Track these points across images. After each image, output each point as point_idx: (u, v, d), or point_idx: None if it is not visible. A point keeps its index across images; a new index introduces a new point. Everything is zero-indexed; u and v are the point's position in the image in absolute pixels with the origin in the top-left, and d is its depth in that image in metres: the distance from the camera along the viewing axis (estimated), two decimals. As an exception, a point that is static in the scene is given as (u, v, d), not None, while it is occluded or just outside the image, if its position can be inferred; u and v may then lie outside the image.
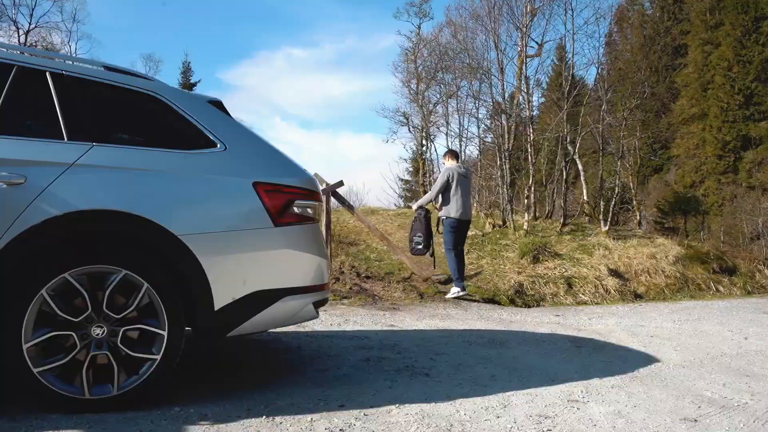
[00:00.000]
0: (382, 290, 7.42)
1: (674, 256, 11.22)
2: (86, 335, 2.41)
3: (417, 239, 7.12)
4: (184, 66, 33.83)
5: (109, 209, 2.44)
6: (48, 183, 2.38)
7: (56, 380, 2.37)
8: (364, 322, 5.27)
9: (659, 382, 3.54)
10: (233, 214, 2.69)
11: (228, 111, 3.02)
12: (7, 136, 2.44)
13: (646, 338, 5.20)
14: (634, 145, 15.23)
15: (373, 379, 3.23)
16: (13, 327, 2.30)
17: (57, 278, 2.37)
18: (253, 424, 2.37)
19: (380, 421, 2.53)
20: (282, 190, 2.78)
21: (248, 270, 2.67)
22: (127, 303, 2.47)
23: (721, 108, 29.00)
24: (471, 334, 5.00)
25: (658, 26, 32.95)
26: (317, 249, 2.93)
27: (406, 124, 20.79)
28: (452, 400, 2.90)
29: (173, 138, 2.77)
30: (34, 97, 2.60)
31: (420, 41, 21.14)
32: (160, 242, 2.50)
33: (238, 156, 2.78)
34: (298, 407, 2.64)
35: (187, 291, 2.56)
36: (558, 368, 3.78)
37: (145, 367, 2.49)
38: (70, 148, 2.50)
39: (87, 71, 2.73)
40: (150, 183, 2.56)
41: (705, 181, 29.84)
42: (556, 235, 12.10)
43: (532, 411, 2.82)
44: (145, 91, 2.79)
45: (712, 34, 30.20)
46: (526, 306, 8.41)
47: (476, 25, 14.04)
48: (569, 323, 6.10)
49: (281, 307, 2.74)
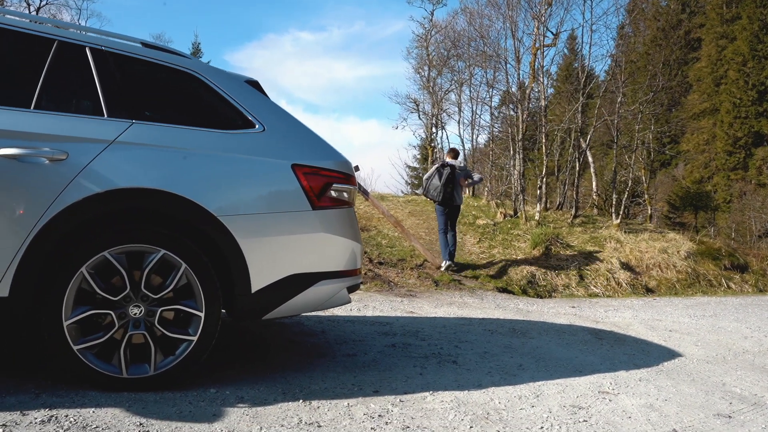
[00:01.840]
0: (396, 276, 7.41)
1: (686, 251, 11.18)
2: (124, 314, 2.39)
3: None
4: (193, 47, 33.65)
5: (150, 188, 2.40)
6: (89, 160, 2.35)
7: (95, 358, 2.36)
8: (383, 308, 5.26)
9: (686, 376, 3.52)
10: (272, 196, 2.65)
11: (264, 91, 2.98)
12: (49, 111, 2.41)
13: (665, 332, 5.18)
14: (648, 138, 15.09)
15: (402, 366, 3.22)
16: (54, 304, 2.29)
17: (97, 256, 2.35)
18: (291, 408, 2.36)
19: (417, 407, 2.51)
20: (320, 173, 2.75)
21: (286, 253, 2.64)
22: (164, 283, 2.45)
23: (734, 103, 28.77)
24: (491, 322, 4.99)
25: (672, 18, 32.57)
26: (352, 233, 2.90)
27: (416, 110, 20.66)
28: (485, 389, 2.89)
29: (212, 117, 2.73)
30: (74, 73, 2.55)
31: (432, 27, 20.92)
32: (200, 222, 2.47)
33: (276, 137, 2.74)
34: (333, 392, 2.63)
35: (224, 272, 2.54)
36: (583, 359, 3.77)
37: (181, 348, 2.47)
38: (111, 125, 2.46)
39: (126, 47, 2.69)
40: (190, 162, 2.52)
41: (714, 176, 29.70)
42: (567, 227, 12.05)
43: (565, 401, 2.81)
44: (184, 68, 2.74)
45: (727, 27, 29.87)
46: (538, 296, 8.41)
47: (492, 12, 13.88)
48: (586, 315, 6.09)
49: (316, 291, 2.72)
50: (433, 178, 7.99)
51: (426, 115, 20.28)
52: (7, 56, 2.51)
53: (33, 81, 2.43)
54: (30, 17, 2.43)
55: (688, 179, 29.61)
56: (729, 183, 28.62)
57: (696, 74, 31.36)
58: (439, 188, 7.90)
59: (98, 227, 2.39)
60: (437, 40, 19.93)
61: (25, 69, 2.49)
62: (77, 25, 3.52)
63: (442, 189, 7.89)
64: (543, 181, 12.55)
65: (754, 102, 28.57)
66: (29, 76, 2.44)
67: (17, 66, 2.52)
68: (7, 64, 2.52)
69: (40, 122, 2.36)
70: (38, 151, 2.29)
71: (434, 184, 7.93)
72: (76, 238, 2.35)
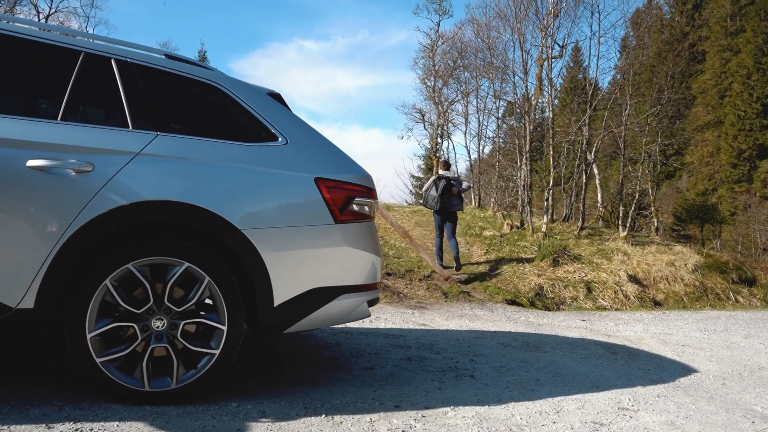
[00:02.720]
0: (405, 288, 7.39)
1: (693, 264, 11.13)
2: (147, 327, 2.38)
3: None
4: (200, 54, 33.86)
5: (175, 200, 2.40)
6: (115, 172, 2.35)
7: (117, 371, 2.34)
8: (395, 320, 5.24)
9: (704, 393, 3.49)
10: (295, 210, 2.65)
11: (286, 104, 2.98)
12: (75, 123, 2.42)
13: (678, 347, 5.15)
14: (654, 151, 15.09)
15: (420, 379, 3.20)
16: (78, 316, 2.28)
17: (121, 268, 2.34)
18: (315, 423, 2.35)
19: (439, 423, 2.50)
20: (342, 187, 2.74)
21: (308, 266, 2.64)
22: (187, 296, 2.45)
23: (738, 116, 28.79)
24: (503, 335, 4.96)
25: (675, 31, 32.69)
26: (373, 247, 2.89)
27: (421, 120, 20.71)
28: (505, 404, 2.87)
29: (235, 130, 2.73)
30: (100, 85, 2.56)
31: (439, 38, 21.01)
32: (223, 235, 2.47)
33: (299, 150, 2.74)
34: (355, 407, 2.61)
35: (247, 286, 2.53)
36: (599, 374, 3.75)
37: (203, 362, 2.46)
38: (136, 136, 2.47)
39: (150, 59, 2.70)
40: (214, 175, 2.52)
41: (718, 189, 29.66)
42: (574, 239, 12.03)
43: (586, 417, 2.79)
44: (207, 80, 2.75)
45: (732, 40, 29.96)
46: (546, 308, 8.38)
47: (500, 24, 13.94)
48: (597, 328, 6.06)
49: (338, 305, 2.71)
50: (430, 190, 8.90)
51: (432, 125, 20.33)
52: (35, 68, 2.52)
53: (60, 92, 2.43)
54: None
55: (692, 191, 29.58)
56: (733, 195, 28.58)
57: (700, 86, 31.42)
58: (437, 198, 8.75)
59: (122, 239, 2.39)
60: (443, 51, 20.02)
61: (53, 81, 2.50)
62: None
63: (439, 199, 8.75)
64: (549, 193, 12.55)
65: (758, 114, 28.60)
66: (56, 87, 2.45)
67: (45, 77, 2.54)
68: (36, 75, 2.54)
69: (67, 134, 2.36)
70: (65, 163, 2.29)
71: (432, 195, 8.83)
72: (100, 250, 2.35)
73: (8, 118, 2.30)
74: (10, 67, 2.48)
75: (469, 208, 15.44)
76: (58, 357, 2.97)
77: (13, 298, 2.21)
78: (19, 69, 2.51)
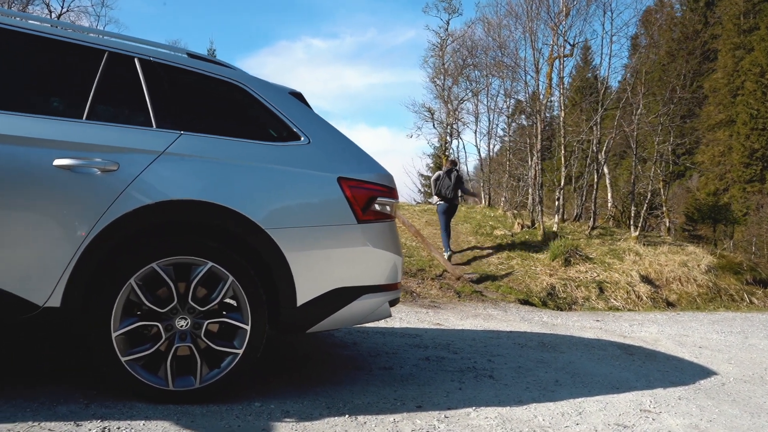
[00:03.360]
0: (417, 287, 7.38)
1: (706, 265, 11.05)
2: (171, 326, 2.38)
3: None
4: (209, 53, 33.92)
5: (199, 200, 2.40)
6: (140, 171, 2.35)
7: (142, 370, 2.35)
8: (410, 319, 5.23)
9: (725, 396, 3.46)
10: (318, 209, 2.64)
11: (308, 103, 2.98)
12: (100, 122, 2.42)
13: (695, 349, 5.11)
14: (666, 151, 14.99)
15: (440, 380, 3.19)
16: (103, 315, 2.28)
17: (145, 268, 2.35)
18: (339, 423, 2.34)
19: (462, 424, 2.48)
20: (365, 186, 2.73)
21: (331, 266, 2.63)
22: (210, 296, 2.45)
23: (751, 115, 28.53)
24: (519, 336, 4.94)
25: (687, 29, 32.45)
26: (394, 247, 2.88)
27: (431, 119, 20.67)
28: (526, 405, 2.86)
29: (258, 129, 2.73)
30: (124, 84, 2.57)
31: (448, 36, 20.96)
32: (247, 235, 2.46)
33: (321, 150, 2.74)
34: (377, 407, 2.60)
35: (270, 286, 2.53)
36: (618, 375, 3.72)
37: (226, 361, 2.46)
38: (160, 136, 2.47)
39: (173, 58, 2.70)
40: (238, 174, 2.52)
41: (729, 189, 29.41)
42: (585, 239, 11.97)
43: (609, 419, 2.77)
44: (230, 80, 2.75)
45: (744, 38, 29.69)
46: (558, 308, 8.35)
47: (511, 23, 13.88)
48: (611, 329, 6.02)
49: (360, 305, 2.70)
50: (444, 179, 9.65)
51: (441, 124, 20.29)
52: (61, 67, 2.53)
53: (85, 92, 2.44)
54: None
55: (703, 191, 29.34)
56: (745, 195, 28.33)
57: (712, 85, 31.16)
58: (451, 187, 9.58)
59: (147, 238, 2.39)
60: (453, 49, 19.97)
61: (78, 80, 2.51)
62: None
63: (453, 188, 9.60)
64: (560, 192, 12.49)
65: (771, 114, 28.36)
66: (81, 87, 2.46)
67: (70, 77, 2.55)
68: (61, 74, 2.55)
69: (92, 133, 2.37)
70: (91, 162, 2.30)
71: (446, 184, 9.60)
72: (125, 249, 2.35)
73: (35, 118, 2.31)
74: (36, 66, 2.50)
75: (480, 208, 15.40)
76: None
77: (40, 296, 2.22)
78: (45, 68, 2.53)
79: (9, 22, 2.42)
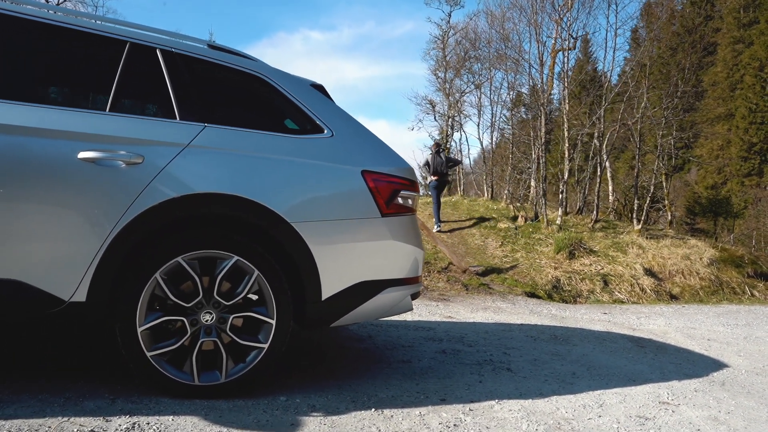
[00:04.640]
0: (425, 280, 7.38)
1: (708, 258, 11.09)
2: (196, 321, 2.37)
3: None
4: (207, 45, 33.67)
5: (225, 193, 2.38)
6: (165, 164, 2.33)
7: (167, 365, 2.33)
8: (421, 312, 5.23)
9: (740, 388, 3.47)
10: (343, 203, 2.62)
11: (330, 95, 2.95)
12: (124, 114, 2.40)
13: (704, 341, 5.13)
14: (669, 144, 14.99)
15: (460, 373, 3.19)
16: (129, 310, 2.27)
17: (171, 262, 2.33)
18: (366, 418, 2.34)
19: (488, 416, 2.48)
20: (388, 180, 2.71)
21: (355, 260, 2.62)
22: (235, 290, 2.43)
23: (750, 109, 28.55)
24: (530, 328, 4.95)
25: (687, 22, 32.39)
26: (416, 240, 2.87)
27: (432, 112, 20.61)
28: (547, 397, 2.86)
29: (281, 122, 2.71)
30: (147, 76, 2.53)
31: (450, 28, 20.86)
32: (273, 229, 2.44)
33: (344, 143, 2.72)
34: (401, 400, 2.60)
35: (296, 279, 2.51)
36: (632, 368, 3.73)
37: (252, 356, 2.44)
38: (184, 128, 2.44)
39: (194, 49, 2.66)
40: (262, 167, 2.49)
41: (728, 182, 29.46)
42: (588, 232, 11.99)
43: (630, 411, 2.78)
44: (252, 71, 2.71)
45: (744, 32, 29.65)
46: (563, 301, 8.36)
47: (514, 15, 13.82)
48: (620, 321, 6.04)
49: (383, 299, 2.69)
50: (435, 158, 11.36)
51: (443, 116, 20.23)
52: (83, 59, 2.50)
53: (107, 83, 2.41)
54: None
55: (701, 184, 29.40)
56: (743, 189, 28.39)
57: (711, 79, 31.14)
58: (443, 163, 11.35)
59: (173, 232, 2.37)
60: (455, 41, 19.88)
61: (100, 71, 2.48)
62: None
63: (444, 164, 11.38)
64: (564, 185, 12.49)
65: (770, 107, 28.37)
66: (103, 78, 2.43)
67: (92, 68, 2.52)
68: (83, 66, 2.51)
69: (116, 125, 2.34)
70: (115, 155, 2.27)
71: (438, 161, 11.31)
72: (150, 243, 2.33)
73: (58, 109, 2.28)
74: (58, 58, 2.46)
75: (483, 200, 15.39)
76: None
77: (66, 291, 2.20)
78: (67, 60, 2.49)
79: (30, 12, 2.38)
